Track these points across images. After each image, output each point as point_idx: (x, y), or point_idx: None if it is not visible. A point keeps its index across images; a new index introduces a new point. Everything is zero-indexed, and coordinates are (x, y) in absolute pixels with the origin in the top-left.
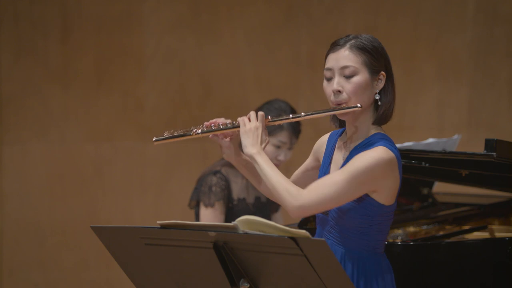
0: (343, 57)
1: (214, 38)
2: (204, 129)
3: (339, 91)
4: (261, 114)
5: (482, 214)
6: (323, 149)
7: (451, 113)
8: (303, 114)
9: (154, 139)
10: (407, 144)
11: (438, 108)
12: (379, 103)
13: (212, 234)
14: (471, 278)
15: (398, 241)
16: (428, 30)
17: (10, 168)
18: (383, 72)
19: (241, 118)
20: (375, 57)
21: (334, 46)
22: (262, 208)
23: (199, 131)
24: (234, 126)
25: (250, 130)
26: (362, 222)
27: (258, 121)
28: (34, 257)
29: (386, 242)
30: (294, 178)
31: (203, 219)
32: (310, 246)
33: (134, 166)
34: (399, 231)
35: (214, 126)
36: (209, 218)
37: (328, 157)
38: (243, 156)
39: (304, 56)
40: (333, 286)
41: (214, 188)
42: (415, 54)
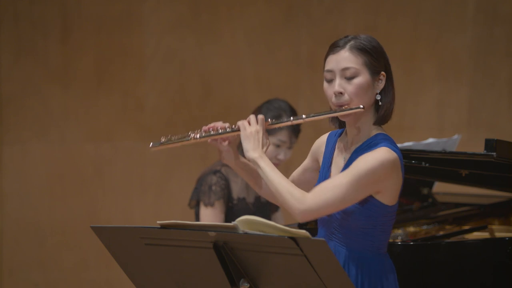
0: (344, 58)
1: (214, 38)
2: (202, 133)
3: (341, 93)
4: (261, 117)
5: (482, 214)
6: (322, 149)
7: (451, 113)
8: (304, 116)
9: (151, 145)
10: (407, 144)
11: (438, 108)
12: (380, 103)
13: (212, 234)
14: (471, 278)
15: (398, 241)
16: (428, 30)
17: (10, 168)
18: (383, 72)
19: (241, 122)
20: (375, 57)
21: (334, 48)
22: (262, 207)
23: (198, 136)
24: (233, 130)
25: (251, 134)
26: (366, 223)
27: (258, 124)
28: (34, 257)
29: None
30: (292, 179)
31: (203, 219)
32: (310, 246)
33: (134, 166)
34: (399, 231)
35: (213, 131)
36: (209, 218)
37: (328, 158)
38: (242, 159)
39: (304, 56)
40: (333, 286)
41: (214, 187)
42: (415, 54)
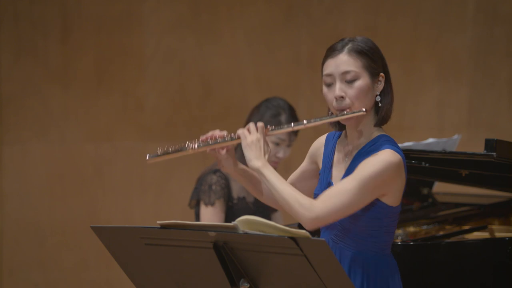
0: (343, 62)
1: (214, 38)
2: (200, 143)
3: (342, 97)
4: (260, 125)
5: (482, 214)
6: (321, 151)
7: (451, 113)
8: (305, 122)
9: (148, 157)
10: (407, 144)
11: (438, 108)
12: (380, 105)
13: (212, 234)
14: (471, 278)
15: (398, 241)
16: (428, 30)
17: (10, 168)
18: (382, 73)
19: (241, 131)
20: (374, 59)
21: (332, 52)
22: (262, 207)
23: (196, 146)
24: (232, 139)
25: (252, 142)
26: (371, 225)
27: (258, 132)
28: (34, 257)
29: None
30: (290, 182)
31: (204, 218)
32: (310, 246)
33: (134, 166)
34: (399, 231)
35: (211, 140)
36: (209, 217)
37: (328, 160)
38: (240, 165)
39: (304, 56)
40: (333, 286)
41: (214, 186)
42: (415, 54)
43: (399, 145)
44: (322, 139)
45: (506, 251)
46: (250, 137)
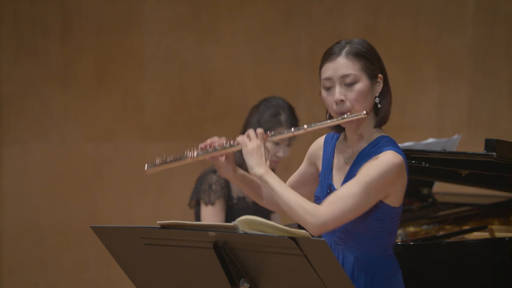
0: (342, 65)
1: (214, 38)
2: (199, 152)
3: (342, 101)
4: (260, 132)
5: (482, 214)
6: (320, 153)
7: (451, 113)
8: (306, 127)
9: (146, 167)
10: (407, 144)
11: (438, 108)
12: (379, 106)
13: (212, 234)
14: (471, 278)
15: (398, 241)
16: (428, 30)
17: (10, 168)
18: (380, 74)
19: (241, 139)
20: (371, 61)
21: (330, 55)
22: (261, 207)
23: (195, 154)
24: (231, 146)
25: (253, 150)
26: (374, 226)
27: (258, 139)
28: (34, 257)
29: None
30: (289, 184)
31: (204, 218)
32: (310, 246)
33: (134, 166)
34: (399, 231)
35: (210, 148)
36: (210, 216)
37: (328, 162)
38: (240, 171)
39: (304, 56)
40: (333, 286)
41: (214, 186)
42: (415, 54)
43: (400, 145)
44: (320, 141)
45: (506, 251)
46: (251, 144)
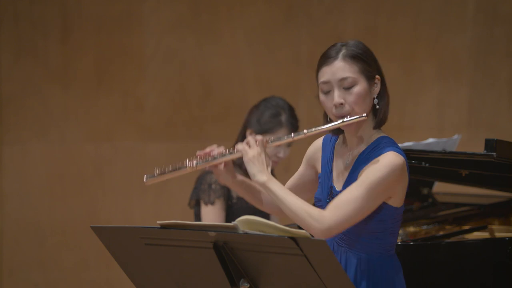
0: (339, 68)
1: (214, 38)
2: (199, 161)
3: (341, 104)
4: (260, 139)
5: (482, 214)
6: (319, 155)
7: (451, 113)
8: (306, 131)
9: (145, 179)
10: (407, 144)
11: (438, 108)
12: (377, 107)
13: (212, 234)
14: (471, 278)
15: (398, 241)
16: (428, 30)
17: (10, 168)
18: (378, 75)
19: (241, 147)
20: (368, 62)
21: (326, 59)
22: None
23: (194, 164)
24: (230, 154)
25: (254, 157)
26: (377, 228)
27: (258, 146)
28: (34, 257)
29: None
30: (288, 187)
31: (204, 217)
32: (310, 246)
33: (134, 166)
34: (399, 231)
35: (209, 157)
36: (210, 216)
37: (327, 164)
38: (239, 177)
39: (304, 56)
40: (333, 286)
41: (213, 185)
42: (415, 54)
43: (400, 145)
44: (318, 143)
45: (506, 251)
46: (251, 151)
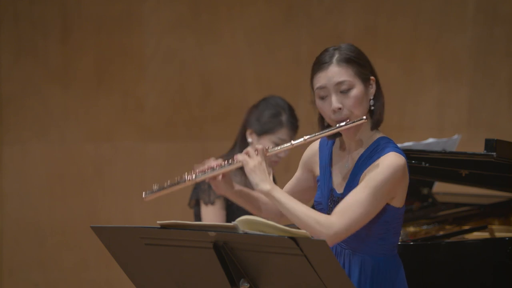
0: (335, 73)
1: (214, 38)
2: (198, 174)
3: (340, 108)
4: (260, 148)
5: (482, 214)
6: (316, 159)
7: (451, 113)
8: (306, 137)
9: (144, 195)
10: (407, 144)
11: (438, 108)
12: (372, 108)
13: (212, 234)
14: (471, 278)
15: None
16: (428, 30)
17: (10, 168)
18: (372, 77)
19: (241, 157)
20: (362, 64)
21: (320, 65)
22: None
23: (194, 177)
24: (229, 165)
25: (255, 167)
26: (380, 228)
27: (259, 155)
28: (34, 257)
29: None
30: (286, 191)
31: (205, 217)
32: (310, 246)
33: (134, 166)
34: None
35: (208, 170)
36: (210, 216)
37: (326, 167)
38: (237, 187)
39: (304, 56)
40: (333, 286)
41: None
42: (415, 54)
43: (400, 145)
44: (315, 146)
45: (506, 251)
46: (252, 161)
